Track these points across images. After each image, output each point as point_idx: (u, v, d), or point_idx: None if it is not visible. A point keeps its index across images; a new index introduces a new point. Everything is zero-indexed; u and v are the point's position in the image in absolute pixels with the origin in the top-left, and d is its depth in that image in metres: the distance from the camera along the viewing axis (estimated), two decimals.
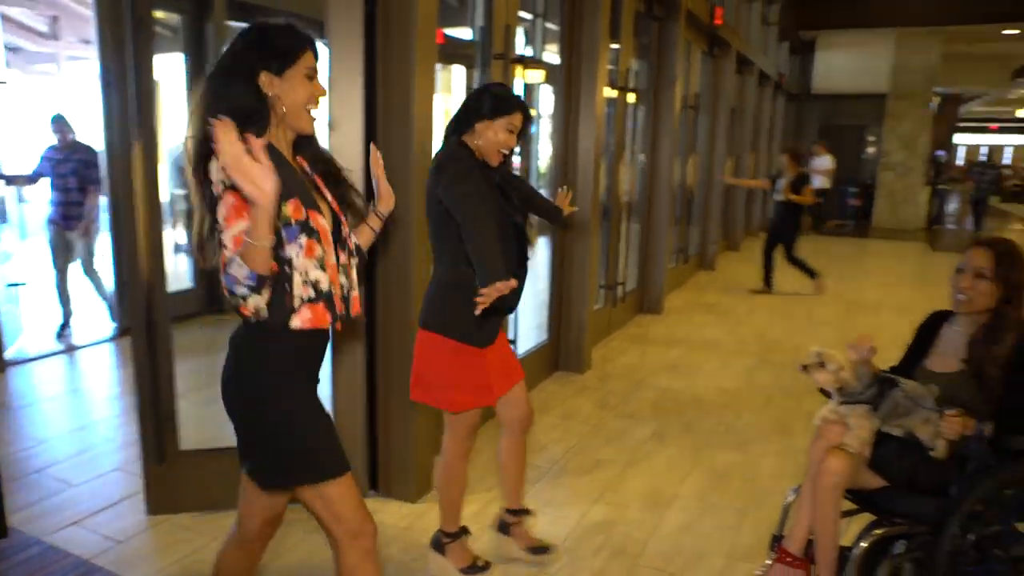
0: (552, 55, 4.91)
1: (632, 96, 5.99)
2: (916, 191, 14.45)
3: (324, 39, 2.78)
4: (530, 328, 4.77)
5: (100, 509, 3.00)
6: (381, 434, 3.13)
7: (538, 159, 8.78)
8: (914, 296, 7.86)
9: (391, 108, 2.90)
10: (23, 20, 10.66)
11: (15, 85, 11.58)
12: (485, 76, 3.84)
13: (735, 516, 3.11)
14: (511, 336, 4.08)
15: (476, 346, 2.36)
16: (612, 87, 5.34)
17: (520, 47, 4.85)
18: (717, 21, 7.80)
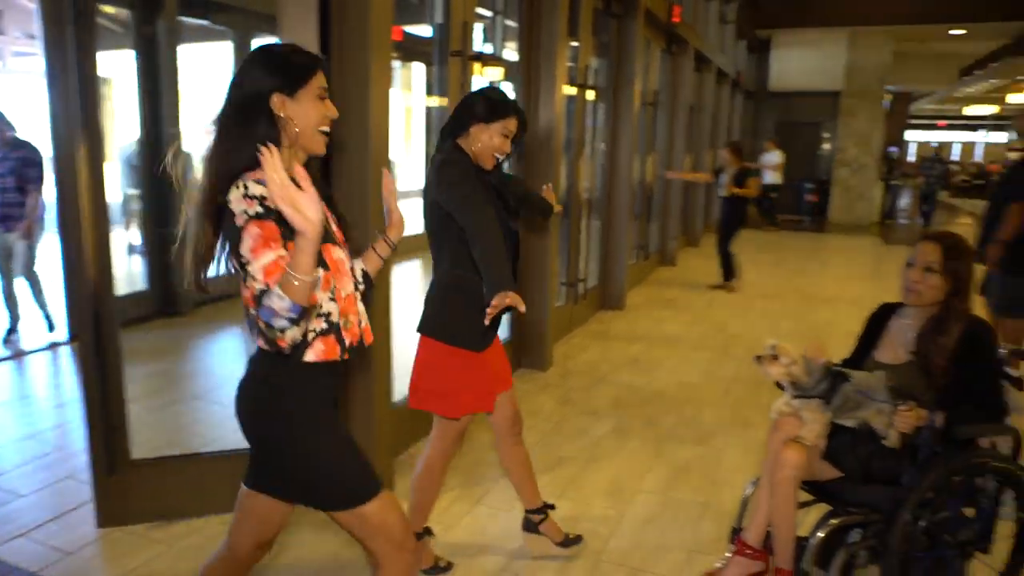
0: (512, 52, 4.90)
1: (591, 93, 6.01)
2: (870, 187, 14.78)
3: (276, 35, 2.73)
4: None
5: (49, 520, 2.91)
6: None
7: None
8: (868, 289, 8.03)
9: (348, 108, 2.85)
10: None
11: None
12: (443, 73, 3.82)
13: (696, 509, 3.14)
14: None
15: (476, 350, 2.34)
16: (571, 84, 5.35)
17: (480, 44, 4.84)
18: (675, 19, 7.86)
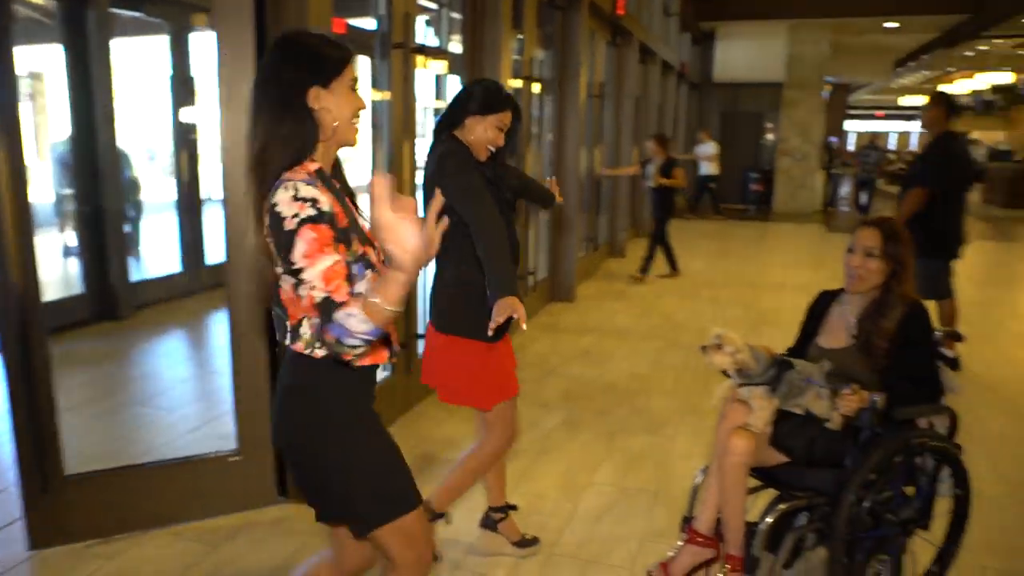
0: (458, 45, 4.86)
1: (537, 86, 6.00)
2: (812, 176, 15.13)
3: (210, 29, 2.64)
4: None
5: None
6: None
7: None
8: (813, 275, 8.21)
9: None
10: None
11: None
12: (385, 66, 3.76)
13: (648, 499, 3.16)
14: (419, 330, 4.03)
15: (493, 341, 2.34)
16: (517, 77, 5.33)
17: (427, 37, 4.78)
18: (619, 11, 7.90)
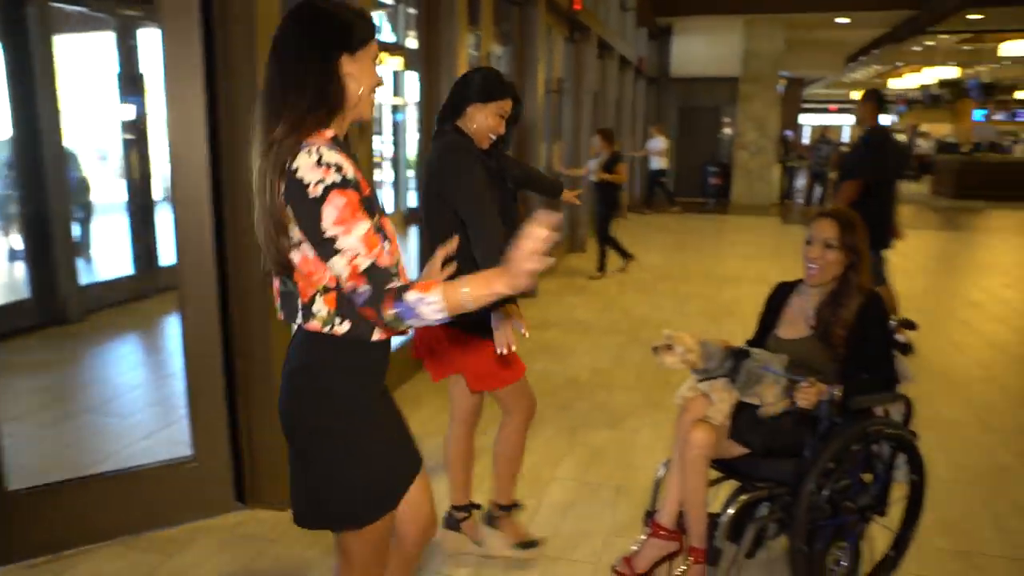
0: (415, 41, 4.81)
1: None
2: (768, 169, 15.36)
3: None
4: None
5: None
6: (244, 436, 2.92)
7: (406, 147, 8.61)
8: (770, 267, 8.33)
9: (235, 95, 2.71)
10: None
11: None
12: None
13: (612, 493, 3.17)
14: None
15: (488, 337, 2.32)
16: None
17: (384, 33, 4.72)
18: (576, 6, 7.91)
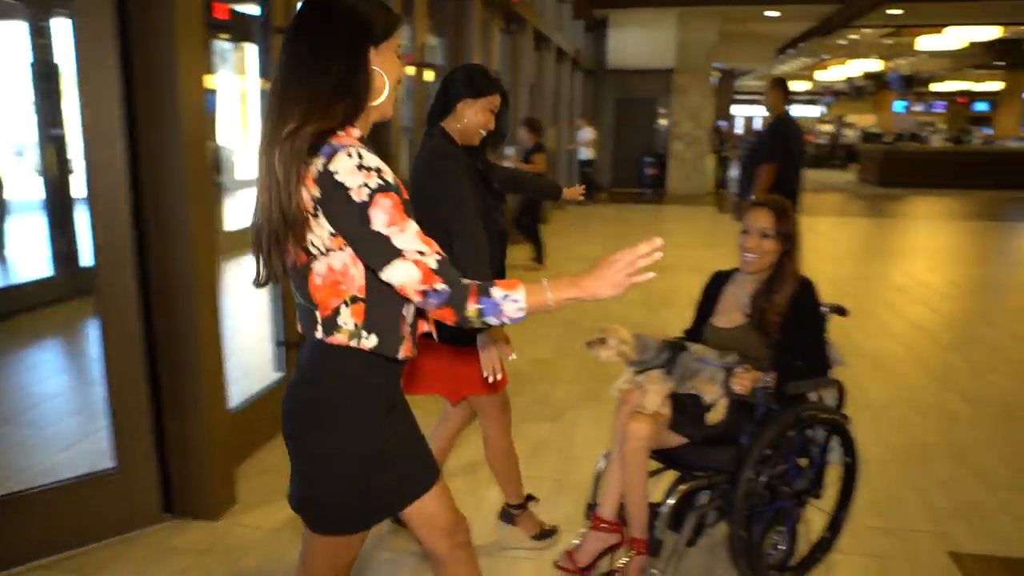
0: None
1: (430, 73, 5.88)
2: (703, 159, 15.63)
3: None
4: None
5: None
6: (172, 446, 2.80)
7: None
8: (706, 256, 8.46)
9: (154, 87, 2.57)
10: None
11: None
12: (266, 53, 3.57)
13: (553, 487, 3.15)
14: None
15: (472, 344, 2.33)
16: (410, 64, 5.20)
17: None
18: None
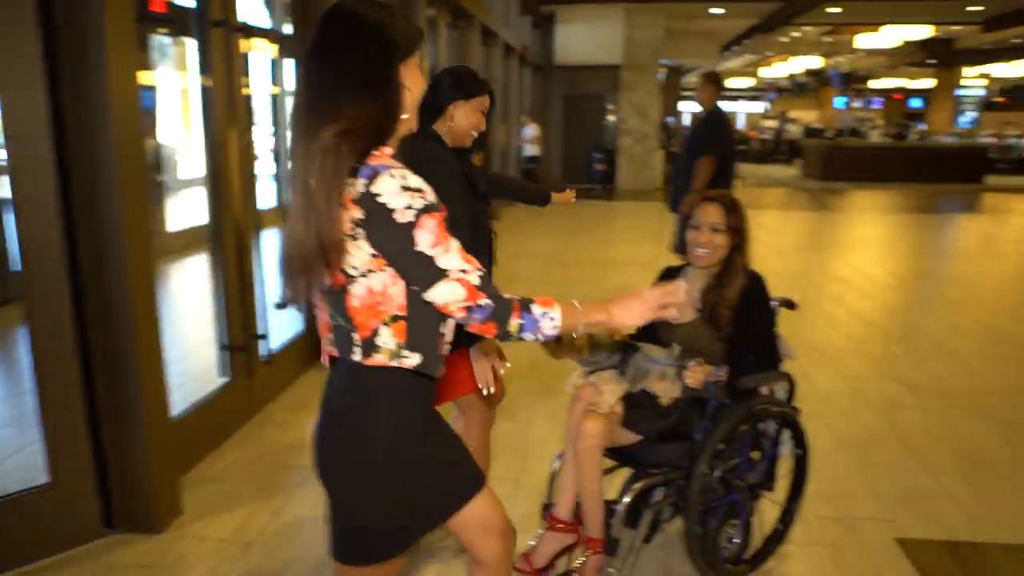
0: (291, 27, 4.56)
1: None
2: (651, 155, 15.78)
3: None
4: (283, 319, 4.45)
5: None
6: (111, 457, 2.67)
7: (286, 138, 8.25)
8: (656, 251, 8.52)
9: (81, 84, 2.44)
10: None
11: None
12: (205, 46, 3.44)
13: (510, 487, 3.12)
14: (261, 331, 3.76)
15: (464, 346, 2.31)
16: None
17: (260, 18, 4.45)
18: None
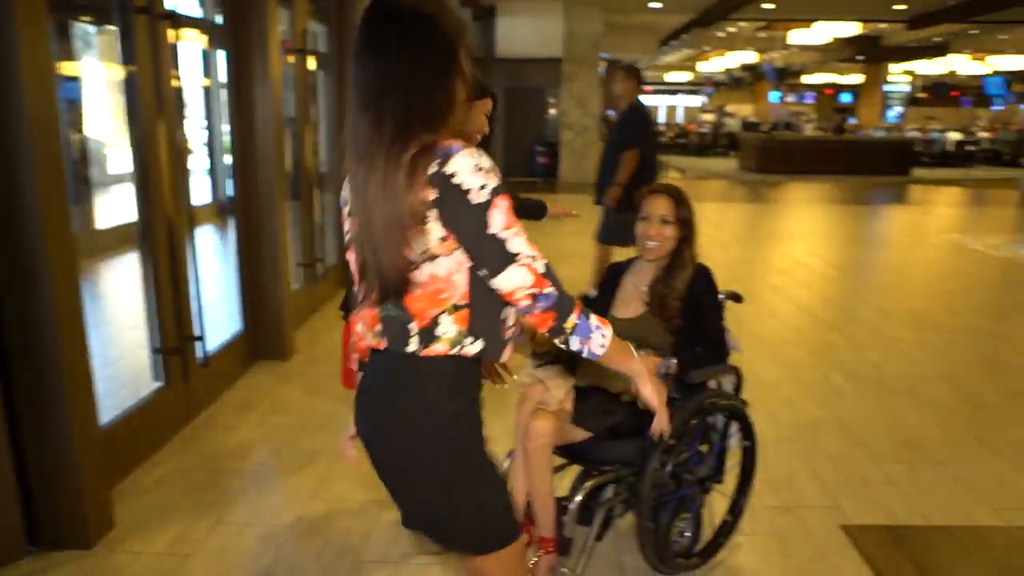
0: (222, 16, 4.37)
1: (312, 61, 5.62)
2: (592, 147, 15.87)
3: None
4: (220, 319, 4.30)
5: None
6: (34, 471, 2.51)
7: (220, 132, 8.01)
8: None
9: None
10: None
11: None
12: (129, 35, 3.27)
13: None
14: (197, 332, 3.61)
15: None
16: (290, 51, 4.94)
17: (189, 7, 4.26)
18: None
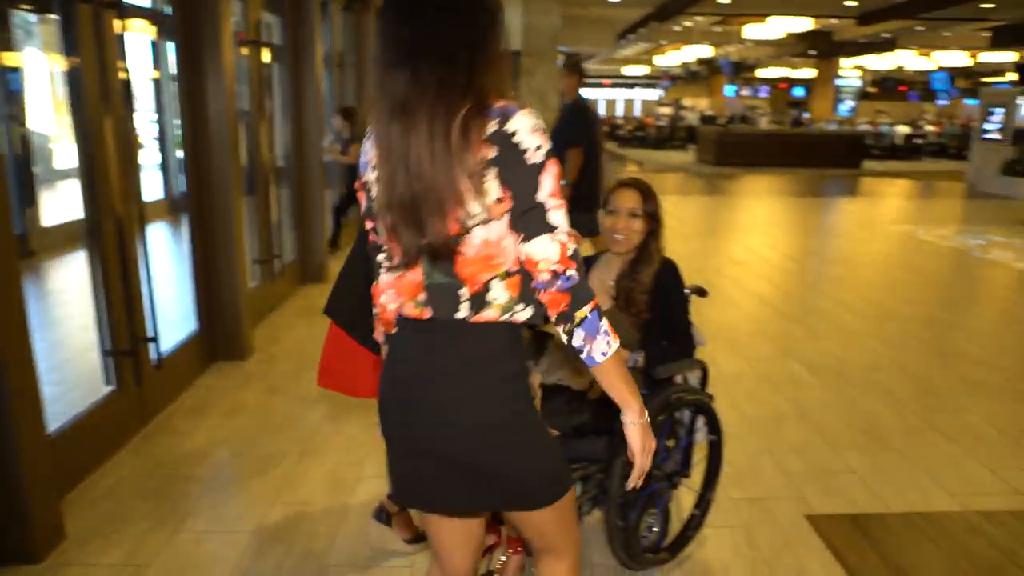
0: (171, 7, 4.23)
1: (267, 53, 5.49)
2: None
3: None
4: (174, 319, 4.17)
5: None
6: None
7: (172, 126, 7.80)
8: None
9: None
10: None
11: None
12: (71, 24, 3.13)
13: None
14: (150, 333, 3.49)
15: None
16: (243, 43, 4.81)
17: None
18: None
